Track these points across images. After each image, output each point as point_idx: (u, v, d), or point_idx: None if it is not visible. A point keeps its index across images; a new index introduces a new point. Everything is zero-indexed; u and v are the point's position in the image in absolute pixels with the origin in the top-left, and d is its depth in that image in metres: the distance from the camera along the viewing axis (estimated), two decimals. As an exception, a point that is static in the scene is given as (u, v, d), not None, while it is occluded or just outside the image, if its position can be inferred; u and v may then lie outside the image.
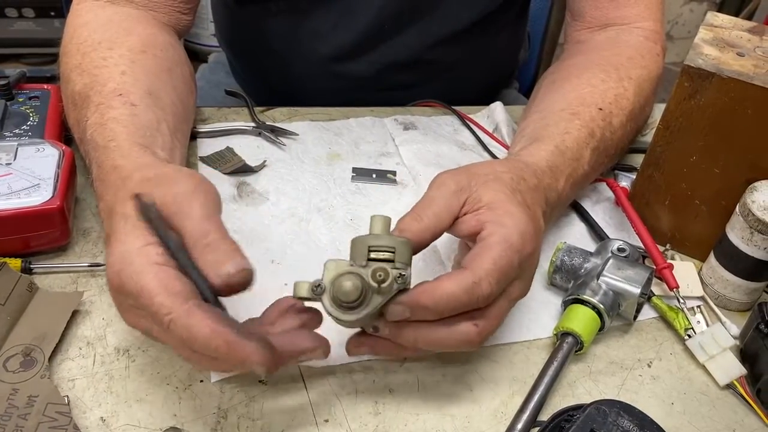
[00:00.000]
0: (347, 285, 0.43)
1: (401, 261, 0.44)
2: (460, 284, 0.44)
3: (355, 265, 0.45)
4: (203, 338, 0.40)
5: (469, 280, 0.44)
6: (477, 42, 0.90)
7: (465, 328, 0.46)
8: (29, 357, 0.49)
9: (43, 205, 0.56)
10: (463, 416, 0.50)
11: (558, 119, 0.64)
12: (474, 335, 0.46)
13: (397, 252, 0.44)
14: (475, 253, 0.46)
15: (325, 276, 0.45)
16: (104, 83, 0.59)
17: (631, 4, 0.77)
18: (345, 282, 0.43)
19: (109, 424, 0.47)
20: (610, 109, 0.66)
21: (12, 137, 0.64)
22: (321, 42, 0.85)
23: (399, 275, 0.44)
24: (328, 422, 0.49)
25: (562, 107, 0.66)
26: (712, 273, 0.62)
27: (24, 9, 2.09)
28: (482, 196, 0.50)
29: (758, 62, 0.59)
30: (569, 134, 0.62)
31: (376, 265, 0.44)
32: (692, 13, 2.85)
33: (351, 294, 0.43)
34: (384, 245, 0.44)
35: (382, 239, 0.45)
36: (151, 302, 0.41)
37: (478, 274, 0.45)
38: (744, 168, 0.60)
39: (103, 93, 0.58)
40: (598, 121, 0.64)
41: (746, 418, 0.53)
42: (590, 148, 0.63)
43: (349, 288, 0.43)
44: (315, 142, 0.76)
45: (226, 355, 0.40)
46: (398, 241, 0.45)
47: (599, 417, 0.47)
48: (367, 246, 0.45)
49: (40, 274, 0.57)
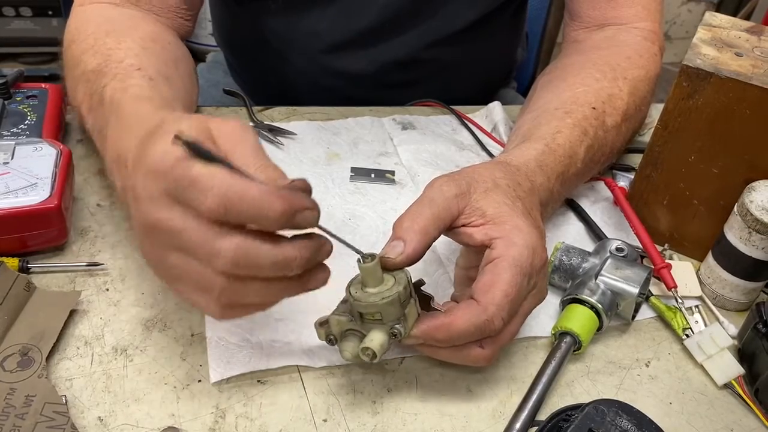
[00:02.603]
0: (347, 355, 0.47)
1: (391, 319, 0.45)
2: (472, 321, 0.46)
3: (354, 321, 0.47)
4: (253, 195, 0.39)
5: (481, 318, 0.46)
6: (475, 42, 0.90)
7: (475, 352, 0.48)
8: (27, 356, 0.49)
9: (40, 205, 0.56)
10: (462, 416, 0.50)
11: (550, 118, 0.64)
12: (483, 358, 0.49)
13: (384, 315, 0.45)
14: (484, 281, 0.47)
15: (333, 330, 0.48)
16: (120, 60, 0.60)
17: (628, 4, 0.77)
18: (345, 353, 0.47)
19: (106, 424, 0.47)
20: (604, 109, 0.66)
21: (9, 136, 0.64)
22: (319, 40, 0.85)
23: (392, 335, 0.46)
24: (327, 422, 0.49)
25: (555, 106, 0.66)
26: (710, 273, 0.62)
27: (22, 8, 2.09)
28: (486, 209, 0.49)
29: (756, 62, 0.59)
30: (561, 133, 0.62)
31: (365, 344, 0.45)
32: (690, 13, 2.85)
33: (351, 361, 0.48)
34: (371, 311, 0.45)
35: (367, 308, 0.45)
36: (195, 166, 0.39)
37: (490, 312, 0.46)
38: (742, 168, 0.60)
39: (121, 66, 0.59)
40: (591, 119, 0.65)
41: (744, 417, 0.53)
42: (584, 146, 0.63)
43: (348, 357, 0.47)
44: (313, 142, 0.76)
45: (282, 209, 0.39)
46: (381, 304, 0.45)
47: (597, 416, 0.47)
48: (357, 312, 0.46)
49: (37, 274, 0.57)
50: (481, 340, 0.48)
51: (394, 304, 0.45)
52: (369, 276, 0.45)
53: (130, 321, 0.54)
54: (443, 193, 0.49)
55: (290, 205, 0.40)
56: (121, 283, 0.57)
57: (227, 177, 0.39)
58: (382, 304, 0.45)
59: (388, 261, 0.46)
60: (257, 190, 0.39)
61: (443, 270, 0.62)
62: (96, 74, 0.60)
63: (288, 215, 0.40)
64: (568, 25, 0.82)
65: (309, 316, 0.56)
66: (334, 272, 0.46)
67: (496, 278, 0.47)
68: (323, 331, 0.49)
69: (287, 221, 0.40)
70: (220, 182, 0.39)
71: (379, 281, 0.45)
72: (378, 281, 0.45)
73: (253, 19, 0.88)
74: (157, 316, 0.55)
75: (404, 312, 0.46)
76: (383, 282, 0.45)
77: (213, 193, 0.39)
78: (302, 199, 0.41)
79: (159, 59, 0.63)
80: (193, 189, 0.39)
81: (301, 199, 0.41)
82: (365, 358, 0.45)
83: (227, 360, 0.51)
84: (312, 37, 0.85)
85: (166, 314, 0.55)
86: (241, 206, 0.39)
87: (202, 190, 0.39)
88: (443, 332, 0.46)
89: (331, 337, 0.48)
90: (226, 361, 0.51)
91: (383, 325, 0.45)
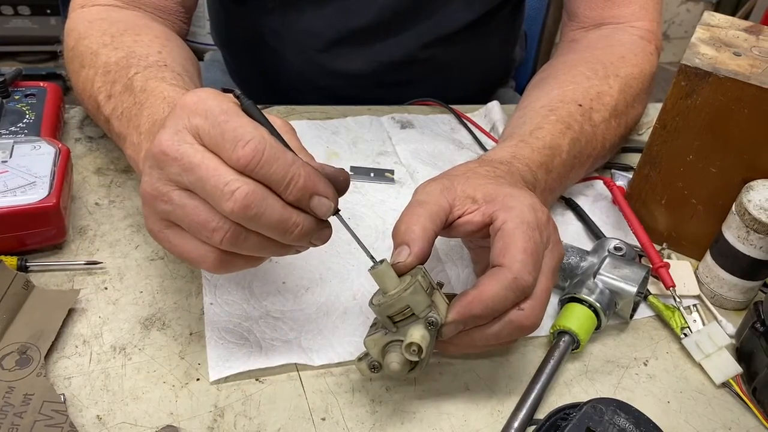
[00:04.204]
0: (395, 367, 0.45)
1: (422, 310, 0.45)
2: (501, 283, 0.45)
3: (389, 333, 0.46)
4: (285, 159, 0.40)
5: (508, 277, 0.45)
6: (473, 41, 0.90)
7: (513, 316, 0.46)
8: (25, 355, 0.49)
9: (39, 203, 0.55)
10: (460, 415, 0.51)
11: (534, 116, 0.65)
12: (524, 319, 0.46)
13: (413, 306, 0.45)
14: (499, 247, 0.47)
15: (372, 354, 0.47)
16: (145, 56, 0.60)
17: (625, 4, 0.77)
18: (392, 365, 0.46)
19: (105, 423, 0.47)
20: (591, 105, 0.66)
21: (8, 135, 0.64)
22: (315, 39, 0.85)
23: (429, 324, 0.45)
24: (325, 420, 0.49)
25: (542, 105, 0.67)
26: (708, 272, 0.62)
27: (20, 7, 2.09)
28: (473, 193, 0.50)
29: (755, 62, 0.59)
30: (541, 129, 0.63)
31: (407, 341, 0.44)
32: (689, 12, 2.85)
33: (401, 371, 0.46)
34: (400, 308, 0.45)
35: (394, 305, 0.45)
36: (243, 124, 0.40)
37: (516, 269, 0.45)
38: (740, 167, 0.60)
39: (149, 60, 0.60)
40: (576, 116, 0.65)
41: (742, 416, 0.53)
42: (568, 138, 0.63)
43: (397, 368, 0.45)
44: (313, 141, 0.76)
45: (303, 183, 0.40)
46: (407, 295, 0.44)
47: (596, 415, 0.47)
48: (386, 316, 0.45)
49: (36, 272, 0.57)
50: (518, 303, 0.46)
51: (419, 291, 0.45)
52: (384, 279, 0.45)
53: (129, 320, 0.54)
54: (429, 193, 0.50)
55: (313, 184, 0.41)
56: (120, 281, 0.57)
57: (269, 136, 0.40)
58: (408, 295, 0.44)
59: (399, 265, 0.46)
60: (292, 157, 0.41)
61: (441, 266, 0.62)
62: (120, 66, 0.60)
63: (306, 192, 0.41)
64: (566, 25, 0.82)
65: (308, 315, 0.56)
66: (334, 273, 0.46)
67: (508, 239, 0.46)
68: (365, 364, 0.47)
69: (302, 198, 0.41)
70: (261, 137, 0.40)
71: (396, 283, 0.45)
72: (395, 283, 0.45)
73: (250, 18, 0.88)
74: (155, 315, 0.55)
75: (432, 300, 0.45)
76: (400, 283, 0.45)
77: (251, 144, 0.39)
78: (325, 187, 0.42)
79: (179, 57, 0.64)
80: (231, 136, 0.40)
81: (324, 186, 0.42)
82: (412, 357, 0.44)
83: (226, 359, 0.51)
84: (309, 37, 0.85)
85: (165, 313, 0.55)
86: (270, 165, 0.40)
87: (240, 139, 0.39)
88: (477, 304, 0.45)
89: (374, 364, 0.47)
90: (225, 360, 0.51)
91: (418, 319, 0.45)
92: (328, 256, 0.61)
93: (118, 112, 0.58)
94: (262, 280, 0.58)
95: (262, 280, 0.58)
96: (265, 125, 0.42)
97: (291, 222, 0.41)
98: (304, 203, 0.42)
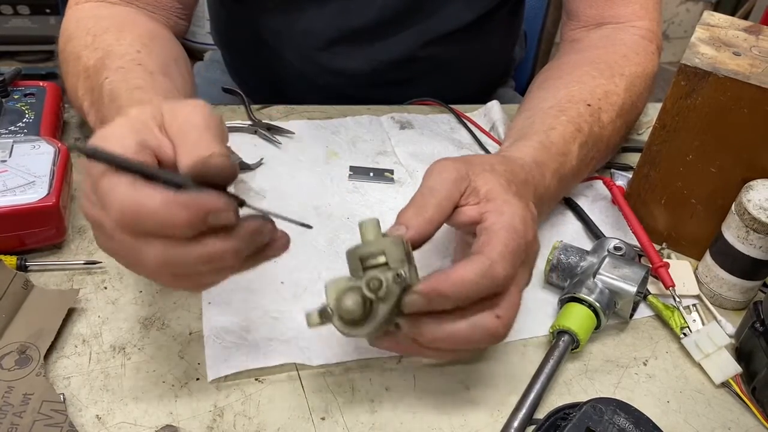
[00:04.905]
0: (348, 303, 0.43)
1: (395, 261, 0.43)
2: (476, 269, 0.44)
3: (353, 279, 0.44)
4: (153, 208, 0.37)
5: (485, 264, 0.44)
6: (472, 41, 0.90)
7: (487, 320, 0.45)
8: (24, 355, 0.49)
9: (38, 203, 0.55)
10: (460, 414, 0.51)
11: (545, 116, 0.65)
12: (498, 326, 0.45)
13: (388, 254, 0.43)
14: (483, 240, 0.46)
15: (329, 298, 0.44)
16: (122, 56, 0.60)
17: (625, 3, 0.77)
18: (346, 301, 0.43)
19: (104, 422, 0.47)
20: (599, 105, 0.66)
21: (7, 134, 0.64)
22: (315, 38, 0.85)
23: (396, 275, 0.43)
24: (325, 420, 0.49)
25: (550, 105, 0.66)
26: (707, 272, 0.62)
27: (19, 6, 2.09)
28: (480, 187, 0.50)
29: (754, 62, 0.59)
30: (554, 130, 0.62)
31: (369, 275, 0.43)
32: (688, 12, 2.85)
33: (355, 311, 0.43)
34: (374, 251, 0.44)
35: (371, 246, 0.44)
36: (100, 180, 0.38)
37: (492, 257, 0.44)
38: (740, 167, 0.60)
39: (123, 60, 0.59)
40: (585, 116, 0.65)
41: (741, 416, 0.53)
42: (578, 143, 0.63)
43: (350, 306, 0.43)
44: (312, 141, 0.76)
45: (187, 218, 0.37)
46: (387, 242, 0.44)
47: (595, 415, 0.47)
48: (358, 257, 0.44)
49: (35, 272, 0.57)
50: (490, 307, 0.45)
51: (398, 245, 0.43)
52: (369, 229, 0.44)
53: (128, 319, 0.54)
54: (443, 181, 0.49)
55: (196, 212, 0.38)
56: (119, 281, 0.57)
57: (126, 191, 0.38)
58: (387, 242, 0.43)
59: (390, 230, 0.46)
60: (158, 202, 0.37)
61: (440, 263, 0.62)
62: (96, 69, 0.59)
63: (197, 222, 0.38)
64: (566, 24, 0.82)
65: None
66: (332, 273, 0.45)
67: (493, 235, 0.46)
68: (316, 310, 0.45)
69: (198, 227, 0.38)
70: (119, 198, 0.38)
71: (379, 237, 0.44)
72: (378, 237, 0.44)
73: (250, 17, 0.88)
74: (155, 315, 0.55)
75: (409, 262, 0.44)
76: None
77: (114, 209, 0.38)
78: (212, 201, 0.38)
79: (159, 56, 0.63)
80: (102, 200, 0.39)
81: (210, 202, 0.38)
82: (370, 293, 0.42)
83: (225, 358, 0.51)
84: (309, 36, 0.85)
85: (164, 312, 0.55)
86: (141, 220, 0.38)
87: (105, 204, 0.39)
88: (446, 282, 0.43)
89: (326, 310, 0.44)
90: (224, 360, 0.51)
91: (388, 270, 0.43)
92: (326, 255, 0.61)
93: (98, 125, 0.58)
94: (261, 280, 0.58)
95: (261, 280, 0.58)
96: (125, 167, 0.38)
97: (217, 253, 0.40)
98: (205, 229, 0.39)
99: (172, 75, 0.61)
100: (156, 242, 0.39)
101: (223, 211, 0.39)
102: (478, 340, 0.45)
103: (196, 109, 0.42)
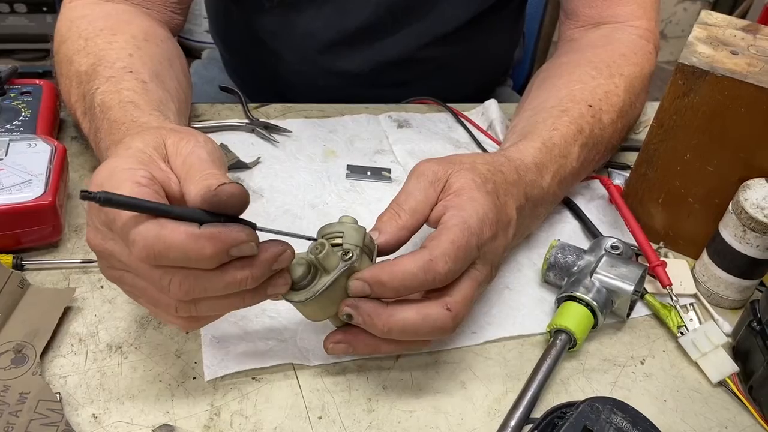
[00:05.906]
0: (294, 267, 0.45)
1: (349, 242, 0.46)
2: (416, 262, 0.45)
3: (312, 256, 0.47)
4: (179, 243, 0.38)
5: (425, 257, 0.45)
6: (471, 41, 0.89)
7: (437, 312, 0.46)
8: (20, 354, 0.49)
9: (35, 201, 0.55)
10: (457, 413, 0.50)
11: (547, 116, 0.65)
12: (447, 318, 0.47)
13: (345, 234, 0.46)
14: (434, 235, 0.48)
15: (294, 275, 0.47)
16: (113, 62, 0.60)
17: (623, 3, 0.77)
18: (294, 265, 0.45)
19: (101, 421, 0.47)
20: (600, 106, 0.66)
21: (4, 132, 0.64)
22: (313, 39, 0.85)
23: (344, 252, 0.46)
24: (321, 419, 0.49)
25: (552, 104, 0.66)
26: (705, 271, 0.62)
27: (16, 4, 2.09)
28: (453, 184, 0.51)
29: (752, 61, 0.59)
30: (557, 131, 0.62)
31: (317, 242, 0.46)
32: (686, 11, 2.86)
33: (297, 270, 0.45)
34: (334, 231, 0.47)
35: (334, 226, 0.47)
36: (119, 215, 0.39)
37: (434, 253, 0.46)
38: (737, 166, 0.60)
39: (114, 69, 0.59)
40: (587, 117, 0.65)
41: (738, 415, 0.53)
42: (578, 144, 0.63)
43: (295, 268, 0.45)
44: (310, 139, 0.76)
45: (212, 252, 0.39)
46: (349, 227, 0.47)
47: (592, 414, 0.47)
48: (321, 234, 0.48)
49: (31, 271, 0.57)
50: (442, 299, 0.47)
51: (359, 232, 0.47)
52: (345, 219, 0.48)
53: (125, 318, 0.54)
54: (419, 184, 0.52)
55: (221, 245, 0.39)
56: (116, 280, 0.57)
57: (150, 227, 0.39)
58: (348, 226, 0.47)
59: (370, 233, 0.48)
60: (184, 236, 0.39)
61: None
62: (88, 76, 0.60)
63: (220, 255, 0.40)
64: (564, 23, 0.82)
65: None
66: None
67: (444, 231, 0.47)
68: None
69: (222, 260, 0.40)
70: (143, 234, 0.39)
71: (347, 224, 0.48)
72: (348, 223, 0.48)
73: (248, 17, 0.88)
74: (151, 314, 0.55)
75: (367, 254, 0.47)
76: None
77: (139, 246, 0.39)
78: (235, 234, 0.40)
79: (152, 59, 0.63)
80: (124, 237, 0.40)
81: (233, 235, 0.40)
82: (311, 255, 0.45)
83: (221, 358, 0.51)
84: (306, 36, 0.85)
85: (161, 311, 0.55)
86: (169, 255, 0.39)
87: (130, 242, 0.39)
88: (385, 271, 0.45)
89: None
90: (221, 359, 0.51)
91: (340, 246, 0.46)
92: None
93: (91, 134, 0.59)
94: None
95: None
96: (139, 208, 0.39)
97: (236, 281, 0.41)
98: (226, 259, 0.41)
99: (164, 80, 0.61)
100: (179, 272, 0.40)
101: (245, 242, 0.40)
102: (428, 331, 0.47)
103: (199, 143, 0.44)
